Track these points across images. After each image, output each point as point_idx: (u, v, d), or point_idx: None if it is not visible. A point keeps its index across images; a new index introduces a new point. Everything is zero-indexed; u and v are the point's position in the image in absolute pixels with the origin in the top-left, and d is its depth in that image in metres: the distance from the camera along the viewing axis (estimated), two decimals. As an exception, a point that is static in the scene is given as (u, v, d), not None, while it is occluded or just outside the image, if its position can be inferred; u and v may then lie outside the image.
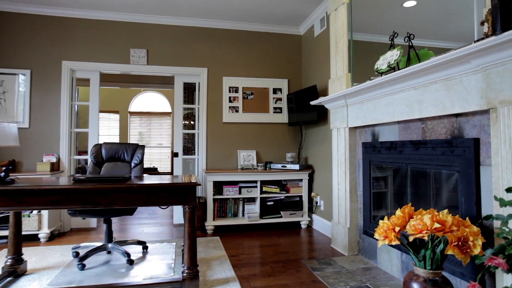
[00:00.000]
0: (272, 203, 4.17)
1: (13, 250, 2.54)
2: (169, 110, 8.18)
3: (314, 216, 4.17)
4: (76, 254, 2.97)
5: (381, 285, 2.37)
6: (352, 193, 3.12)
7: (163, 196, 2.29)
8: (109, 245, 2.92)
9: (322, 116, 3.95)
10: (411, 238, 1.63)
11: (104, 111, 7.77)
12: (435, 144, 2.14)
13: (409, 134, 2.42)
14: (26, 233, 3.43)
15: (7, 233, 3.31)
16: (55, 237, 3.67)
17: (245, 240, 3.60)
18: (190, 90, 6.03)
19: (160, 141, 8.21)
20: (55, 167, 3.87)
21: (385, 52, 2.53)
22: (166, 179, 2.54)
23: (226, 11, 4.07)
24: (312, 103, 3.65)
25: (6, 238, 3.53)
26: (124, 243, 3.07)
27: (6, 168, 2.24)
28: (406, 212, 1.77)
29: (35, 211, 3.49)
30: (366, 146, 2.94)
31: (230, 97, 4.44)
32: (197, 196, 4.27)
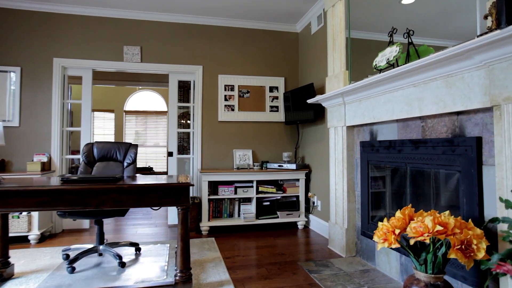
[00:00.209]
0: (268, 203, 4.10)
1: None
2: (166, 109, 8.08)
3: (311, 216, 4.10)
4: (66, 257, 2.88)
5: (379, 288, 2.31)
6: (350, 193, 3.05)
7: (155, 197, 2.21)
8: (101, 247, 2.84)
9: (319, 114, 3.88)
10: (412, 241, 1.56)
11: (99, 110, 7.66)
12: (435, 143, 2.08)
13: (408, 132, 2.36)
14: (15, 234, 3.33)
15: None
16: (46, 239, 3.58)
17: (241, 241, 3.53)
18: (185, 89, 5.95)
19: (156, 140, 8.11)
20: (46, 167, 3.77)
21: (383, 50, 2.46)
22: (158, 179, 2.46)
23: (221, 7, 3.99)
24: (309, 101, 3.58)
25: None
26: (116, 244, 2.99)
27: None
28: (407, 214, 1.70)
29: (25, 212, 3.40)
30: (364, 145, 2.88)
31: (225, 96, 4.36)
32: (192, 196, 4.19)
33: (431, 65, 1.92)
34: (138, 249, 3.11)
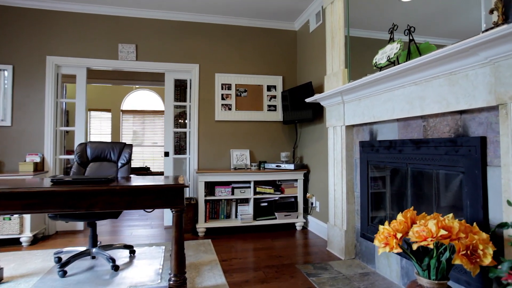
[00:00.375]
0: (266, 204, 4.03)
1: (-12, 256, 2.38)
2: (163, 108, 7.99)
3: (309, 217, 4.03)
4: (58, 260, 2.80)
5: (380, 292, 2.24)
6: (349, 194, 2.98)
7: (148, 198, 2.14)
8: (94, 249, 2.76)
9: (317, 114, 3.81)
10: (415, 246, 1.49)
11: (95, 109, 7.57)
12: (437, 143, 2.01)
13: (409, 132, 2.29)
14: (6, 237, 3.25)
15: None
16: (39, 241, 3.50)
17: (238, 243, 3.46)
18: (182, 88, 5.87)
19: (153, 140, 8.03)
20: (39, 167, 3.69)
21: (383, 47, 2.39)
22: (153, 180, 2.39)
23: (218, 5, 3.91)
24: (307, 100, 3.51)
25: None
26: (110, 247, 2.91)
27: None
28: (408, 217, 1.63)
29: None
30: (364, 145, 2.81)
31: (222, 95, 4.28)
32: (188, 197, 4.12)
33: (433, 62, 1.85)
34: (132, 252, 3.04)
